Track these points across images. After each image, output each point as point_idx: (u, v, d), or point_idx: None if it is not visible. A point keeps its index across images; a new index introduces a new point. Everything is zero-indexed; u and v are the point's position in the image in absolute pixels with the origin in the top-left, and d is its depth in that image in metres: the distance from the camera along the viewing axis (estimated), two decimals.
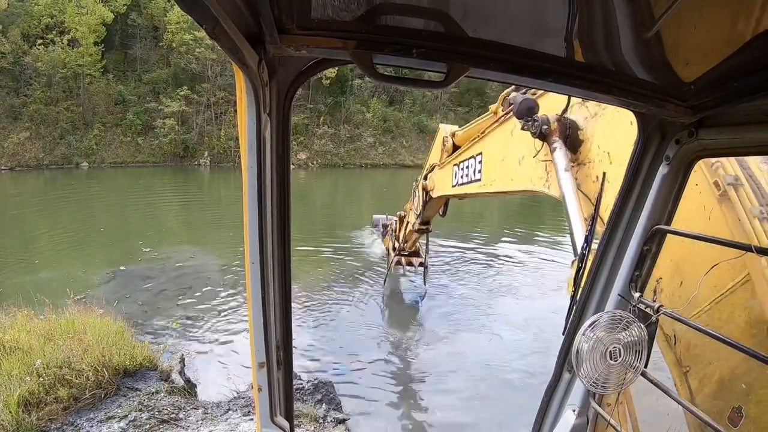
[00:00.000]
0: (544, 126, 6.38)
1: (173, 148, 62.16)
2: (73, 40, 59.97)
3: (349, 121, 71.58)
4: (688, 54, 2.25)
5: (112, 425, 9.25)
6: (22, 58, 58.68)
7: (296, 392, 10.70)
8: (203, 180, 57.13)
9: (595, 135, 5.93)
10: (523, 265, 24.04)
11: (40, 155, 57.07)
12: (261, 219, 2.52)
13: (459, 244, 26.29)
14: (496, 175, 8.82)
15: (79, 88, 61.40)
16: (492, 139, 8.94)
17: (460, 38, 2.18)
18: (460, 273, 22.37)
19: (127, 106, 63.31)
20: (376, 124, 72.08)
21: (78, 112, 60.94)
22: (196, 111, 64.03)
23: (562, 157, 6.09)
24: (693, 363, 4.04)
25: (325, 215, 38.02)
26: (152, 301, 17.51)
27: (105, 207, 38.33)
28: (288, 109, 2.54)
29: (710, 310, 3.83)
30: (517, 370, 13.72)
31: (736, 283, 3.73)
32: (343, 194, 54.14)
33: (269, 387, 2.89)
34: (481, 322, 16.92)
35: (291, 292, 2.92)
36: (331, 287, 19.65)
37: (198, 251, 24.33)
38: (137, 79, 66.36)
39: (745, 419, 3.60)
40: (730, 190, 3.89)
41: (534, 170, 7.08)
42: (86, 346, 10.40)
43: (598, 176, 5.65)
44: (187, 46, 62.49)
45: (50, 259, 23.08)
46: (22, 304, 12.50)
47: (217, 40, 1.76)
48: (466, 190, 10.34)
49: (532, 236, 29.53)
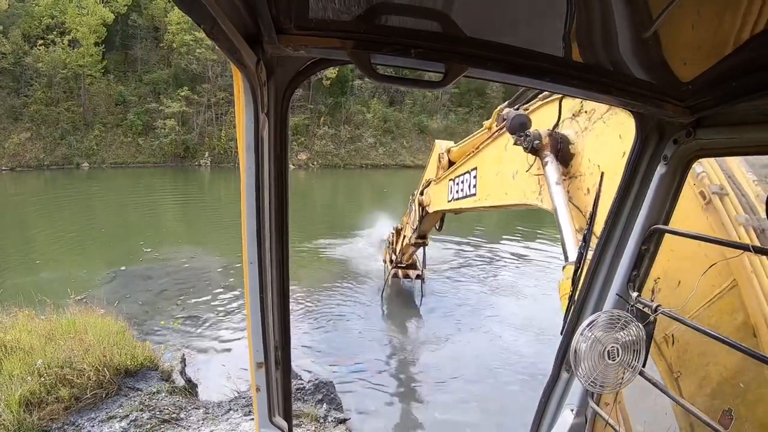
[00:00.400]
0: (535, 141, 6.50)
1: (174, 148, 62.22)
2: (74, 41, 60.01)
3: (349, 122, 71.58)
4: (686, 54, 2.25)
5: (114, 425, 9.27)
6: (23, 59, 58.76)
7: (297, 392, 10.73)
8: (204, 180, 57.15)
9: (586, 149, 6.06)
10: (524, 263, 24.10)
11: (41, 156, 57.12)
12: (259, 219, 2.52)
13: (459, 242, 26.39)
14: (490, 190, 8.93)
15: (80, 88, 61.48)
16: (486, 154, 9.08)
17: (458, 38, 2.17)
18: (462, 270, 22.41)
19: (127, 106, 63.36)
20: (376, 125, 72.09)
21: (79, 113, 61.00)
22: (197, 111, 64.06)
23: (554, 171, 6.20)
24: (684, 367, 4.08)
25: (326, 214, 38.08)
26: (153, 301, 17.56)
27: (106, 207, 38.41)
28: (286, 109, 2.54)
29: (699, 315, 3.87)
30: (518, 371, 13.75)
31: (723, 289, 3.79)
32: (344, 195, 54.14)
33: (267, 387, 2.88)
34: (482, 322, 16.92)
35: (289, 292, 2.91)
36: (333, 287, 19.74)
37: (199, 251, 24.38)
38: (138, 79, 66.42)
39: (736, 421, 3.62)
40: (715, 199, 3.98)
41: (527, 184, 7.19)
42: (87, 346, 10.42)
43: (589, 189, 5.81)
44: (188, 46, 62.52)
45: (51, 260, 23.14)
46: (23, 304, 12.51)
47: (216, 40, 1.76)
48: (462, 204, 10.46)
49: (533, 235, 29.52)
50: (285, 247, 2.77)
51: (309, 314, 17.00)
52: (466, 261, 24.08)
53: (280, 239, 2.74)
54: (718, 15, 1.94)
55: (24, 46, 59.27)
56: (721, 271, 3.69)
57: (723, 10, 1.92)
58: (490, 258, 24.85)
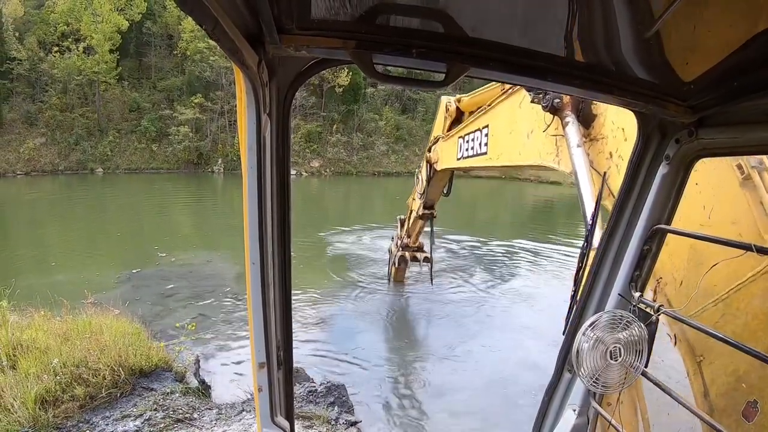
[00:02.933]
0: (556, 99, 6.22)
1: (187, 155, 62.72)
2: (89, 48, 60.81)
3: (362, 129, 71.86)
4: (688, 53, 2.25)
5: (128, 424, 9.31)
6: (38, 65, 59.64)
7: (309, 394, 10.75)
8: (217, 186, 57.50)
9: (609, 110, 5.77)
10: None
11: (56, 161, 57.84)
12: (261, 219, 2.54)
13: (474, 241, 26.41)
14: (502, 149, 8.66)
15: (95, 95, 62.29)
16: (499, 111, 8.78)
17: (459, 38, 2.20)
18: (474, 274, 22.42)
19: (141, 113, 64.05)
20: (388, 132, 72.28)
21: (93, 119, 61.71)
22: (210, 118, 64.61)
23: (575, 132, 5.95)
24: (707, 352, 3.96)
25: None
26: (168, 305, 17.63)
27: (120, 212, 38.72)
28: (288, 110, 2.57)
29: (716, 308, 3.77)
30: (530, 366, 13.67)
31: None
32: (356, 201, 54.31)
33: (270, 387, 2.90)
34: (492, 327, 16.82)
35: (291, 292, 2.93)
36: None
37: (214, 256, 24.48)
38: (152, 86, 67.18)
39: (761, 414, 3.52)
40: (755, 173, 3.79)
41: (543, 145, 6.94)
42: (103, 347, 10.48)
43: (611, 152, 5.54)
44: (201, 54, 63.14)
45: (66, 262, 23.37)
46: (39, 305, 12.63)
47: (217, 40, 1.78)
48: (472, 163, 10.18)
49: (545, 237, 29.45)
50: (287, 247, 2.80)
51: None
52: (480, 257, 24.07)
53: (282, 240, 2.76)
54: (720, 14, 1.96)
55: (39, 52, 60.22)
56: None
57: (725, 9, 1.93)
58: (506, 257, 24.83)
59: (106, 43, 61.34)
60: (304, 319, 16.36)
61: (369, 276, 21.30)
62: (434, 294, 18.95)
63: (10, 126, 57.76)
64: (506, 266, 24.35)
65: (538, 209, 49.82)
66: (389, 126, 72.33)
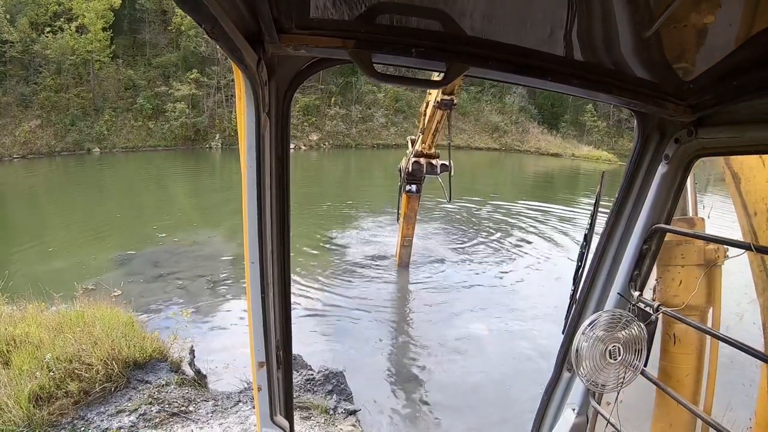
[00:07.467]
0: None
1: (184, 131, 62.22)
2: (82, 27, 59.96)
3: (360, 102, 71.24)
4: (687, 53, 2.27)
5: (123, 419, 9.25)
6: (31, 47, 58.78)
7: (307, 383, 10.69)
8: (215, 162, 57.38)
9: None
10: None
11: (52, 142, 57.35)
12: (260, 218, 2.55)
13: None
14: None
15: (89, 74, 61.54)
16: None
17: (459, 37, 2.21)
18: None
19: (137, 90, 63.37)
20: (387, 105, 71.76)
21: (88, 98, 61.13)
22: (207, 94, 63.99)
23: None
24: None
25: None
26: (163, 290, 17.51)
27: (118, 192, 38.43)
28: (287, 109, 2.58)
29: None
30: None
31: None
32: (356, 174, 54.17)
33: (269, 386, 2.92)
34: (497, 317, 16.63)
35: (290, 291, 2.97)
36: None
37: (212, 237, 24.29)
38: (147, 63, 66.42)
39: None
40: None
41: None
42: (96, 339, 10.40)
43: None
44: (196, 29, 62.22)
45: (63, 246, 23.19)
46: (32, 297, 12.51)
47: (217, 40, 1.78)
48: None
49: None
50: (286, 246, 2.83)
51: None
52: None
53: (281, 239, 2.79)
54: (719, 14, 1.96)
55: (32, 33, 59.32)
56: None
57: (724, 9, 1.94)
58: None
59: (98, 21, 60.23)
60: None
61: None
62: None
63: (5, 109, 57.17)
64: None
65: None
66: (388, 98, 71.75)
